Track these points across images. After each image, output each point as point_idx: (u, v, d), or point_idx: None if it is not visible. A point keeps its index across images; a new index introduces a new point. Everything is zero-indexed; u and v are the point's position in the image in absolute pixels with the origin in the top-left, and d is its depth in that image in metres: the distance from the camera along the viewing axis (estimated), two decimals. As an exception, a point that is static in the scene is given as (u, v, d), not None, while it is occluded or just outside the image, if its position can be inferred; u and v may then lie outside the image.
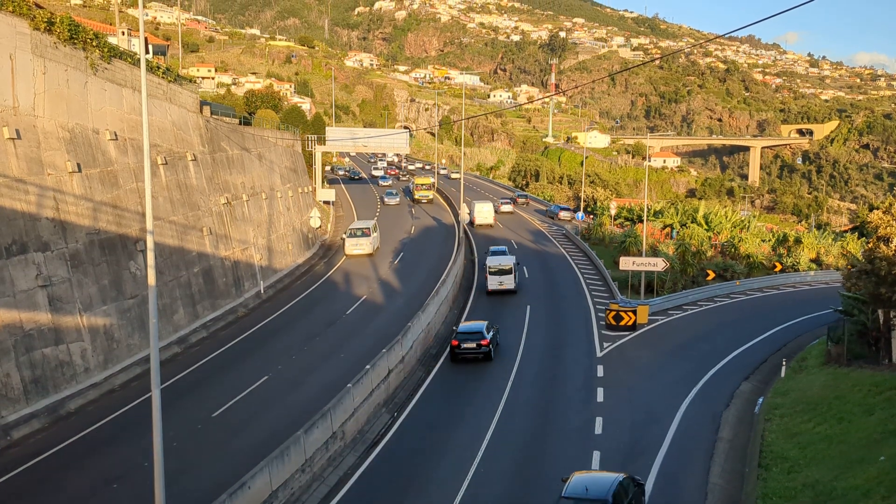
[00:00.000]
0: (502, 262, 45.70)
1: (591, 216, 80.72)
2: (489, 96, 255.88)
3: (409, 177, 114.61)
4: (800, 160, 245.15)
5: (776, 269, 59.53)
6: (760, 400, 28.21)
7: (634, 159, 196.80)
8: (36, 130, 26.86)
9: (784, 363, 32.38)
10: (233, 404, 26.72)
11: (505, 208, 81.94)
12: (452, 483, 21.09)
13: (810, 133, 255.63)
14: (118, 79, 32.57)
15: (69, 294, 27.20)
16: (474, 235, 64.92)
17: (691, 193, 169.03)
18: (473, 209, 71.84)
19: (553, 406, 27.31)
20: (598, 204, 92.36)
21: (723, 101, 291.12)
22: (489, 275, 45.44)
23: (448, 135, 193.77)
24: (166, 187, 35.84)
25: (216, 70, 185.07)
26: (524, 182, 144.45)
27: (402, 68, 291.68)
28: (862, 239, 71.19)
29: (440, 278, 42.58)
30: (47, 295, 26.05)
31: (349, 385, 24.19)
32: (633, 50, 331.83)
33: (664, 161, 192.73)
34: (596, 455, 22.60)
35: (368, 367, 26.09)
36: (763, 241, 67.30)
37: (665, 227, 66.62)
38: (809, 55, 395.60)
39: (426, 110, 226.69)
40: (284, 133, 61.78)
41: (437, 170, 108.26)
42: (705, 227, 64.25)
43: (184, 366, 31.07)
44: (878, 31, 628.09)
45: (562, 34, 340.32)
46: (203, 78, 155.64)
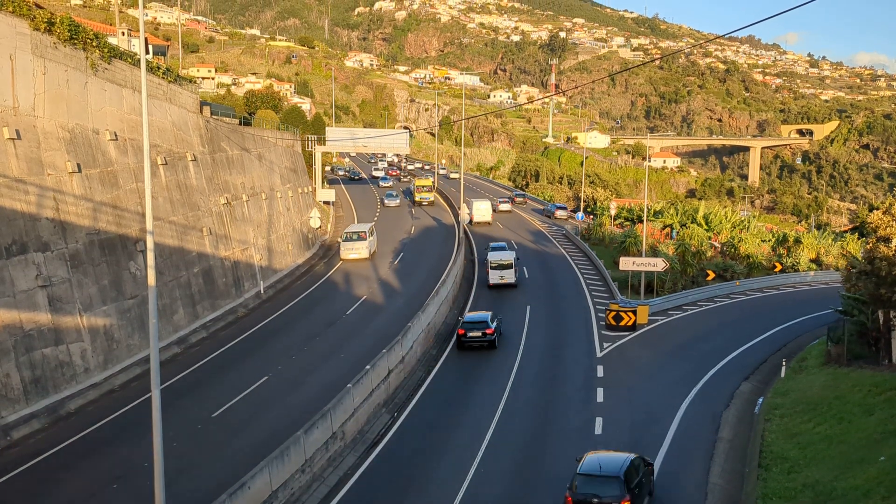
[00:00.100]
0: (503, 258, 47.16)
1: (591, 216, 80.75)
2: (489, 96, 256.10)
3: (410, 178, 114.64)
4: (800, 160, 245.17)
5: (776, 270, 59.54)
6: (760, 400, 28.21)
7: (634, 159, 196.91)
8: (36, 131, 26.87)
9: (784, 363, 32.37)
10: (233, 404, 26.73)
11: (503, 207, 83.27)
12: (452, 483, 21.10)
13: (810, 133, 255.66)
14: (118, 79, 32.58)
15: (69, 294, 27.20)
16: (473, 235, 64.96)
17: (691, 194, 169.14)
18: (472, 207, 72.69)
19: (553, 406, 27.33)
20: (598, 204, 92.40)
21: (723, 102, 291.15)
22: (490, 269, 46.69)
23: (448, 135, 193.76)
24: (166, 187, 35.84)
25: (216, 70, 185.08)
26: (524, 182, 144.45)
27: (402, 68, 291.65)
28: (862, 239, 71.11)
29: (440, 278, 42.58)
30: (47, 295, 26.05)
31: (349, 385, 24.18)
32: (633, 50, 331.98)
33: (664, 161, 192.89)
34: (596, 455, 22.61)
35: (368, 368, 26.08)
36: (763, 242, 67.29)
37: (665, 228, 66.63)
38: (809, 55, 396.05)
39: (426, 110, 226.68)
40: (284, 133, 61.81)
41: (437, 170, 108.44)
42: (705, 228, 64.23)
43: (184, 366, 31.08)
44: (878, 31, 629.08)
45: (562, 34, 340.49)
46: (203, 78, 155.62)
